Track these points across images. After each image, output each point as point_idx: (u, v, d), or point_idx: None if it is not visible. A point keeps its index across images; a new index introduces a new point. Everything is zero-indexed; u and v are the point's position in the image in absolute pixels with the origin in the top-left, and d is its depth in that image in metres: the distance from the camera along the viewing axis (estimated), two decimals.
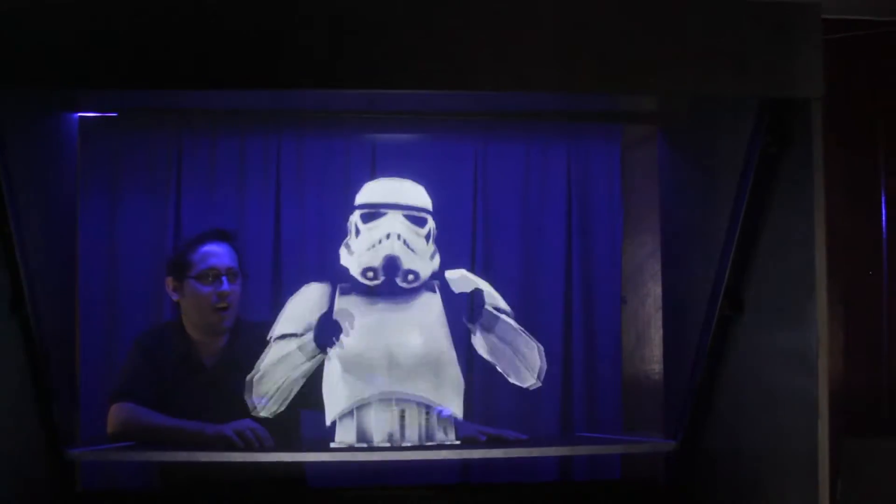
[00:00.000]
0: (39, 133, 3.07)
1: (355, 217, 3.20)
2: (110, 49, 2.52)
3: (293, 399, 3.10)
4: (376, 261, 3.14)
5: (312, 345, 3.10)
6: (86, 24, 2.50)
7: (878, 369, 3.91)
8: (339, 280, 3.17)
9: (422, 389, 3.09)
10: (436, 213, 3.25)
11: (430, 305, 3.20)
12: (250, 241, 3.67)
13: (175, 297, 3.42)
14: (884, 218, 3.96)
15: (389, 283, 3.14)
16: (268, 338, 3.11)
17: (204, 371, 3.37)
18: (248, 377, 3.08)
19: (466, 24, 2.61)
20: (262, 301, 3.73)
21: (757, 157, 2.82)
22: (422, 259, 3.18)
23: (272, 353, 3.11)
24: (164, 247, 3.74)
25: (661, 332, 3.61)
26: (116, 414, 3.25)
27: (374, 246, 3.15)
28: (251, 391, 3.07)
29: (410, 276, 3.15)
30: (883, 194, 3.97)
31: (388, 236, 3.15)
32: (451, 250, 3.35)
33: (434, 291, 3.21)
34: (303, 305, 3.17)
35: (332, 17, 2.57)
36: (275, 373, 3.09)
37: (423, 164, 3.82)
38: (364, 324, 3.13)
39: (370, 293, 3.17)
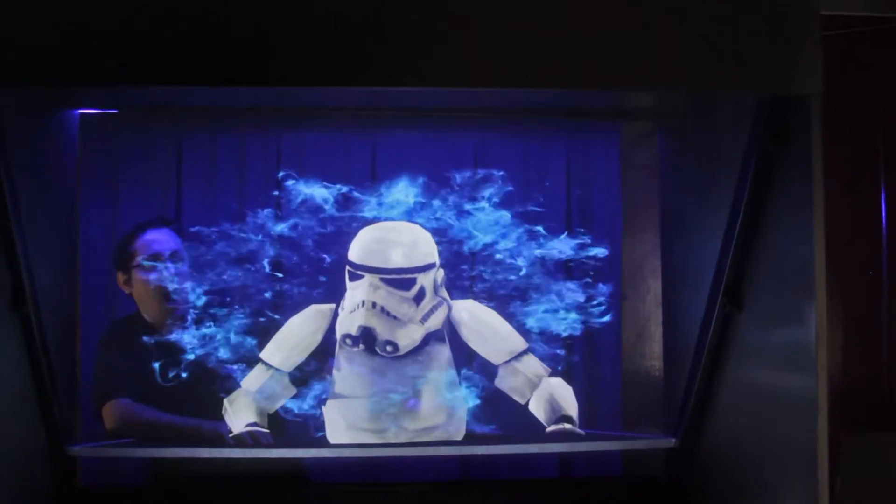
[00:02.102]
0: (40, 130, 3.07)
1: (346, 270, 3.12)
2: (110, 46, 2.52)
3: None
4: (353, 329, 3.01)
5: (291, 387, 3.09)
6: (86, 21, 2.51)
7: (877, 366, 3.91)
8: (338, 286, 3.15)
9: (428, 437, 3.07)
10: (436, 211, 3.24)
11: (439, 358, 3.11)
12: (250, 239, 3.66)
13: (127, 291, 3.45)
14: (884, 214, 3.96)
15: (370, 349, 3.02)
16: (259, 354, 3.11)
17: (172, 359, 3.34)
18: (226, 399, 3.09)
19: (465, 21, 2.61)
20: (263, 301, 3.72)
21: (756, 154, 2.83)
22: (405, 325, 3.03)
23: (252, 378, 3.11)
24: None
25: (661, 328, 3.61)
26: (113, 411, 3.26)
27: (354, 311, 3.03)
28: (227, 413, 3.08)
29: (389, 348, 3.00)
30: (883, 191, 3.97)
31: (362, 304, 3.01)
32: (451, 249, 3.33)
33: (443, 341, 3.12)
34: (295, 336, 3.13)
35: (332, 14, 2.57)
36: (250, 399, 3.09)
37: (422, 161, 3.82)
38: (365, 376, 3.06)
39: None
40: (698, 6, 2.65)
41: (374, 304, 3.00)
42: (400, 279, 3.04)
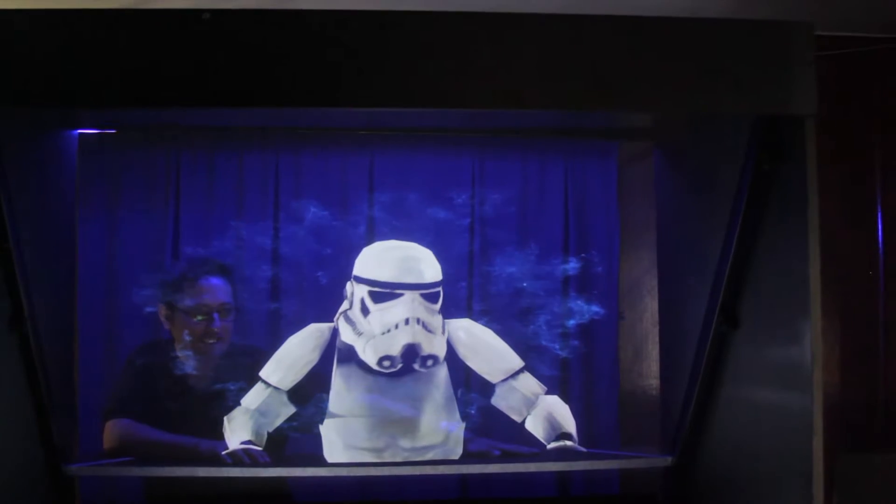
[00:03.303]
0: (39, 149, 3.08)
1: (360, 291, 3.07)
2: (109, 66, 2.53)
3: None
4: (394, 349, 2.99)
5: (290, 405, 3.10)
6: (84, 42, 2.52)
7: (874, 384, 3.91)
8: (336, 305, 3.14)
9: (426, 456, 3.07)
10: (434, 230, 3.25)
11: (436, 378, 3.10)
12: (248, 258, 3.67)
13: (167, 326, 3.44)
14: (880, 233, 3.97)
15: (406, 368, 3.02)
16: (259, 373, 3.12)
17: (197, 389, 3.38)
18: (226, 417, 3.09)
19: (463, 42, 2.62)
20: (260, 320, 3.73)
21: (752, 173, 2.83)
22: (438, 337, 3.05)
23: (251, 396, 3.11)
24: (162, 263, 3.74)
25: (658, 347, 3.62)
26: (113, 430, 3.26)
27: (389, 331, 3.00)
28: (225, 431, 3.08)
29: (430, 362, 3.02)
30: (879, 210, 3.98)
31: (406, 322, 3.00)
32: (450, 268, 3.33)
33: (441, 362, 3.12)
34: (293, 355, 3.13)
35: (331, 36, 2.59)
36: (247, 418, 3.09)
37: (420, 180, 3.83)
38: (362, 396, 3.05)
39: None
40: (694, 27, 2.67)
41: (418, 321, 3.00)
42: (434, 293, 3.07)
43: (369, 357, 3.01)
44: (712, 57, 2.65)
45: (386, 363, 3.00)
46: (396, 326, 3.00)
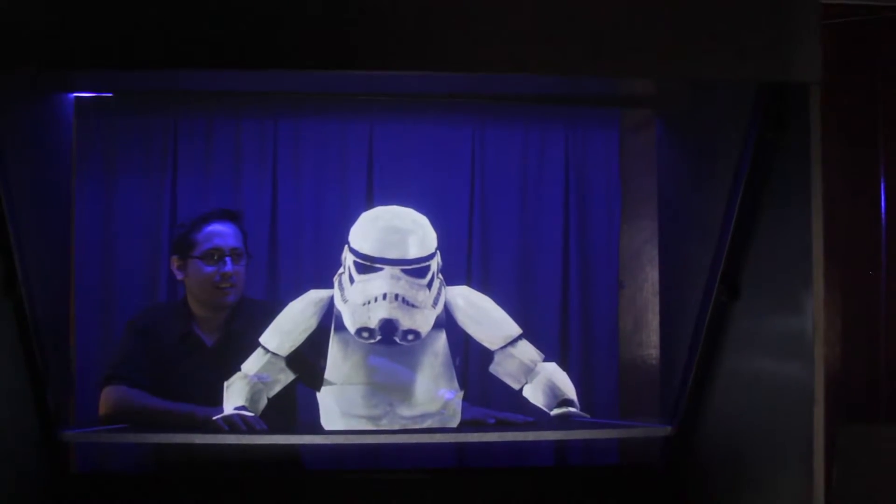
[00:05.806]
0: (34, 113, 3.05)
1: (349, 259, 3.02)
2: (105, 28, 2.50)
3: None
4: (372, 322, 2.94)
5: (288, 371, 3.09)
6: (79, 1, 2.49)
7: (875, 356, 3.91)
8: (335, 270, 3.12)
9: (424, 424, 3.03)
10: (434, 197, 3.22)
11: (434, 345, 3.05)
12: (247, 222, 3.65)
13: (179, 276, 3.42)
14: (883, 204, 3.95)
15: (388, 341, 2.97)
16: (259, 339, 3.10)
17: (205, 350, 3.36)
18: (226, 382, 3.07)
19: (465, 6, 2.59)
20: (259, 283, 3.72)
21: (755, 142, 2.81)
22: (422, 312, 2.98)
23: (251, 362, 3.09)
24: (160, 229, 3.73)
25: (658, 317, 3.60)
26: (108, 396, 3.25)
27: (368, 303, 2.95)
28: (225, 396, 3.06)
29: (410, 336, 2.96)
30: (882, 181, 3.96)
31: (384, 296, 2.94)
32: (449, 236, 3.31)
33: (440, 327, 3.06)
34: (294, 321, 3.10)
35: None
36: (245, 383, 3.07)
37: (420, 147, 3.82)
38: (359, 363, 3.02)
39: None
40: None
41: (396, 296, 2.94)
42: (419, 268, 2.99)
43: (350, 326, 2.99)
44: (716, 22, 2.62)
45: (365, 334, 2.96)
46: (375, 300, 2.95)
